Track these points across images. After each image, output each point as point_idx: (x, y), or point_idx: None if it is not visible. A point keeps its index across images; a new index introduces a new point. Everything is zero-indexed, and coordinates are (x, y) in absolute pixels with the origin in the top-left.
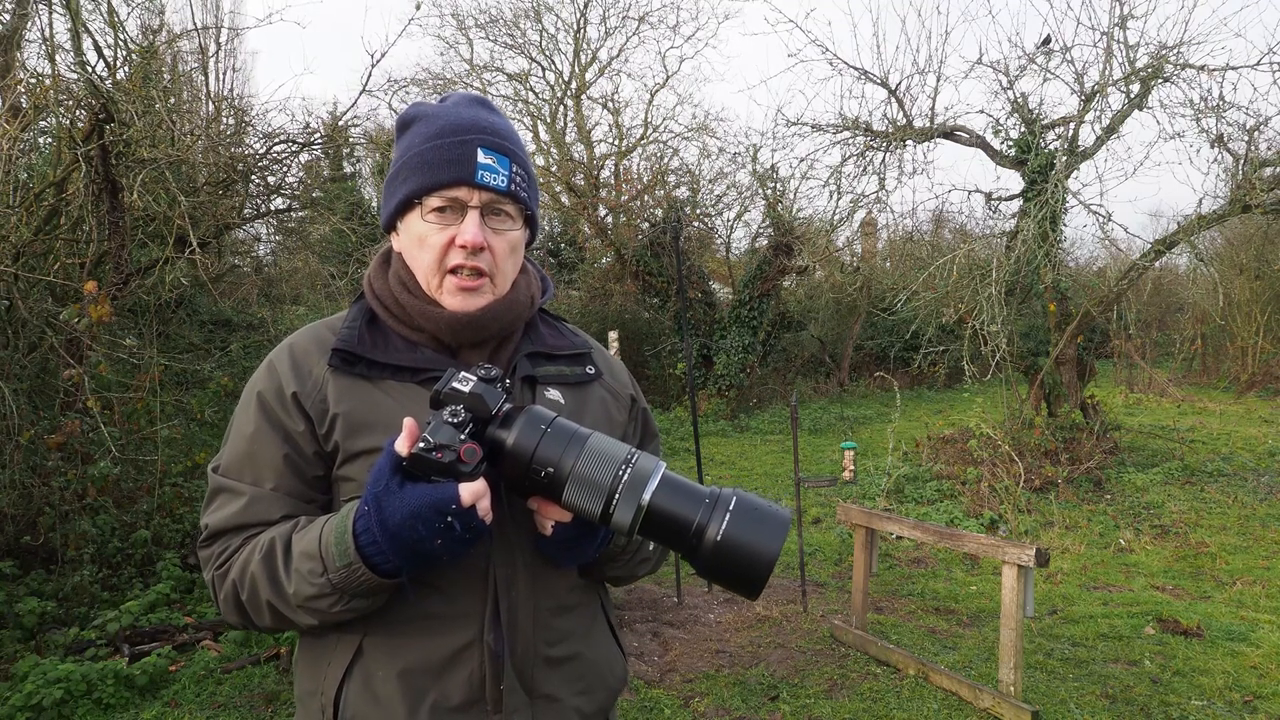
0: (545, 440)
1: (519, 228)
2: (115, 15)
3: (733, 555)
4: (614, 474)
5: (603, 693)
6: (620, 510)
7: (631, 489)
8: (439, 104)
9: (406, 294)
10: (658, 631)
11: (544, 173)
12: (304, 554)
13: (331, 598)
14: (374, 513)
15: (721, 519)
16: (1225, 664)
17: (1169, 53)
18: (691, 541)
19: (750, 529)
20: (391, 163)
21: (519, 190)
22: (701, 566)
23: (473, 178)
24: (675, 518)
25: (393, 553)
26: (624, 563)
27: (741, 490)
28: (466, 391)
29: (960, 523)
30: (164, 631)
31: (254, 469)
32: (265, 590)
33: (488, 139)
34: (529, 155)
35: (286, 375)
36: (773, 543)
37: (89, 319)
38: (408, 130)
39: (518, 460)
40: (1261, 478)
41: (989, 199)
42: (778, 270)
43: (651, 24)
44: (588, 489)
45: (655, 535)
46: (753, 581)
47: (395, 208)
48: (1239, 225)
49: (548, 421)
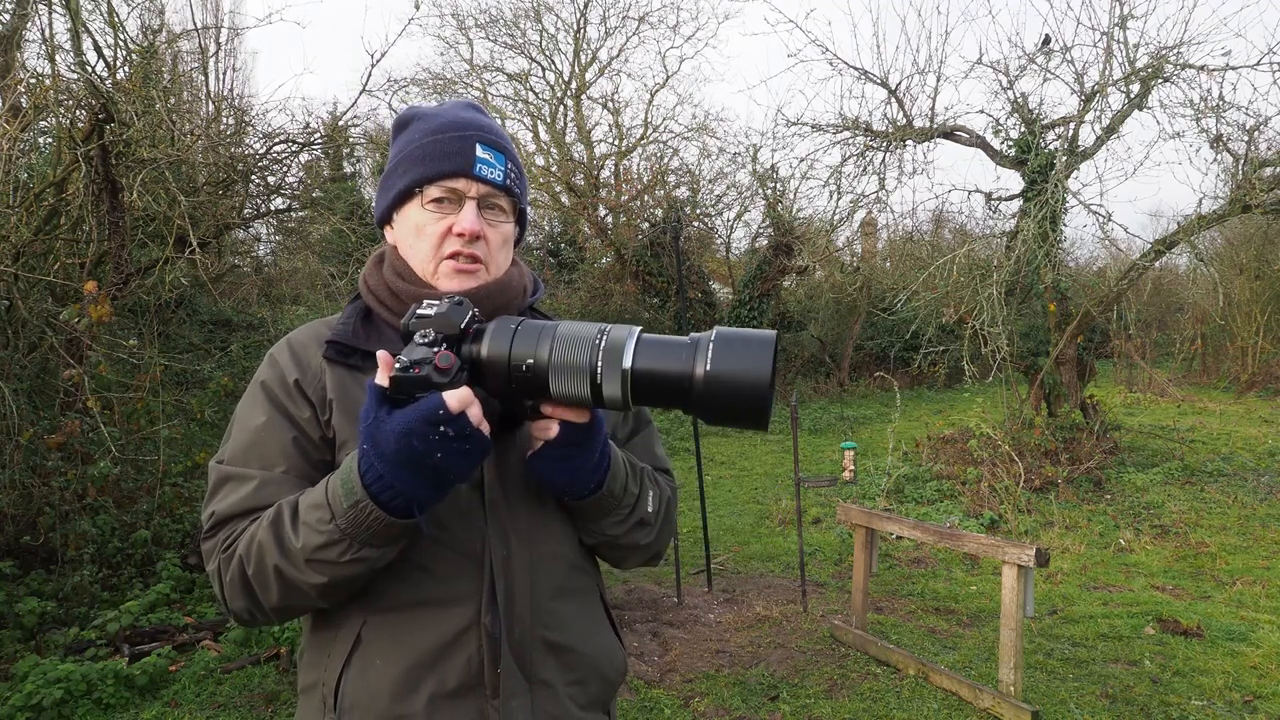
0: (517, 338)
1: (511, 222)
2: (115, 15)
3: (725, 387)
4: (590, 349)
5: (601, 683)
6: (608, 382)
7: (611, 359)
8: (435, 106)
9: (401, 282)
10: (658, 631)
11: (544, 173)
12: (311, 505)
13: (340, 545)
14: (371, 447)
15: (706, 356)
16: (1225, 664)
17: (1169, 53)
18: (684, 390)
19: (735, 356)
20: (389, 159)
21: (513, 185)
22: (701, 411)
23: (472, 169)
24: (662, 374)
25: (397, 479)
26: (622, 519)
27: (722, 326)
28: (432, 314)
29: (960, 523)
30: (164, 631)
31: (263, 454)
32: (272, 554)
33: (485, 136)
34: (519, 158)
35: (288, 365)
36: (761, 363)
37: (89, 319)
38: (407, 128)
39: (496, 364)
40: (1261, 478)
41: (989, 199)
42: (778, 270)
43: (651, 24)
44: (570, 372)
45: (650, 398)
46: (755, 410)
47: (394, 198)
48: (1239, 225)
49: (516, 322)
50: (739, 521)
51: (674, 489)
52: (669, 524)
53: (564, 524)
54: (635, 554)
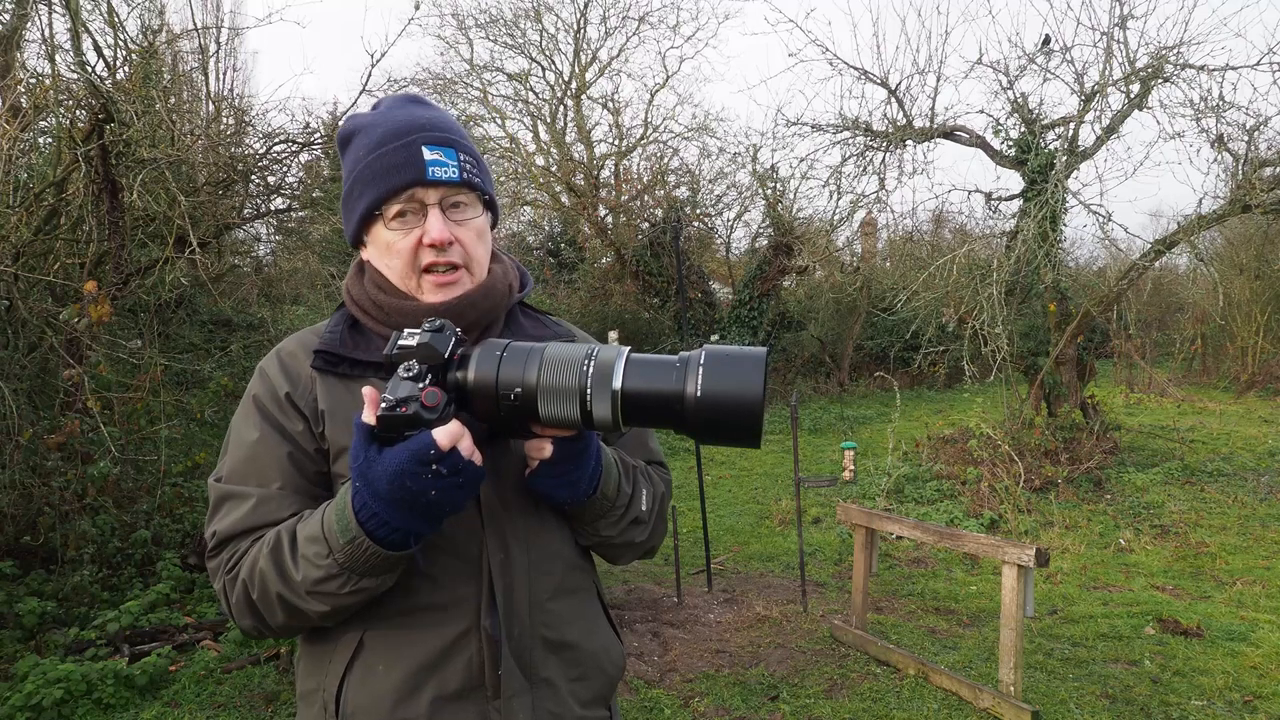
0: (504, 364)
1: (480, 213)
2: (115, 15)
3: (717, 406)
4: (579, 372)
5: (601, 679)
6: (598, 404)
7: (601, 381)
8: (373, 111)
9: (382, 294)
10: (658, 631)
11: (544, 173)
12: (309, 539)
13: (340, 578)
14: (364, 486)
15: (696, 376)
16: (1225, 664)
17: (1169, 53)
18: (676, 410)
19: (726, 375)
20: (343, 181)
21: (471, 177)
22: (693, 430)
23: (424, 176)
24: (652, 394)
25: (392, 517)
26: (616, 519)
27: (710, 344)
28: (414, 345)
29: (960, 523)
30: (164, 631)
31: (259, 471)
32: (274, 583)
33: (430, 135)
34: (471, 141)
35: (278, 378)
36: (752, 381)
37: (89, 319)
38: (350, 145)
39: (484, 391)
40: (1261, 478)
41: (989, 199)
42: (778, 270)
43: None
44: (560, 396)
45: (640, 418)
46: (747, 428)
47: (358, 222)
48: (1239, 225)
49: (502, 347)
50: (739, 521)
51: (668, 482)
52: (663, 520)
53: (560, 524)
54: (630, 551)
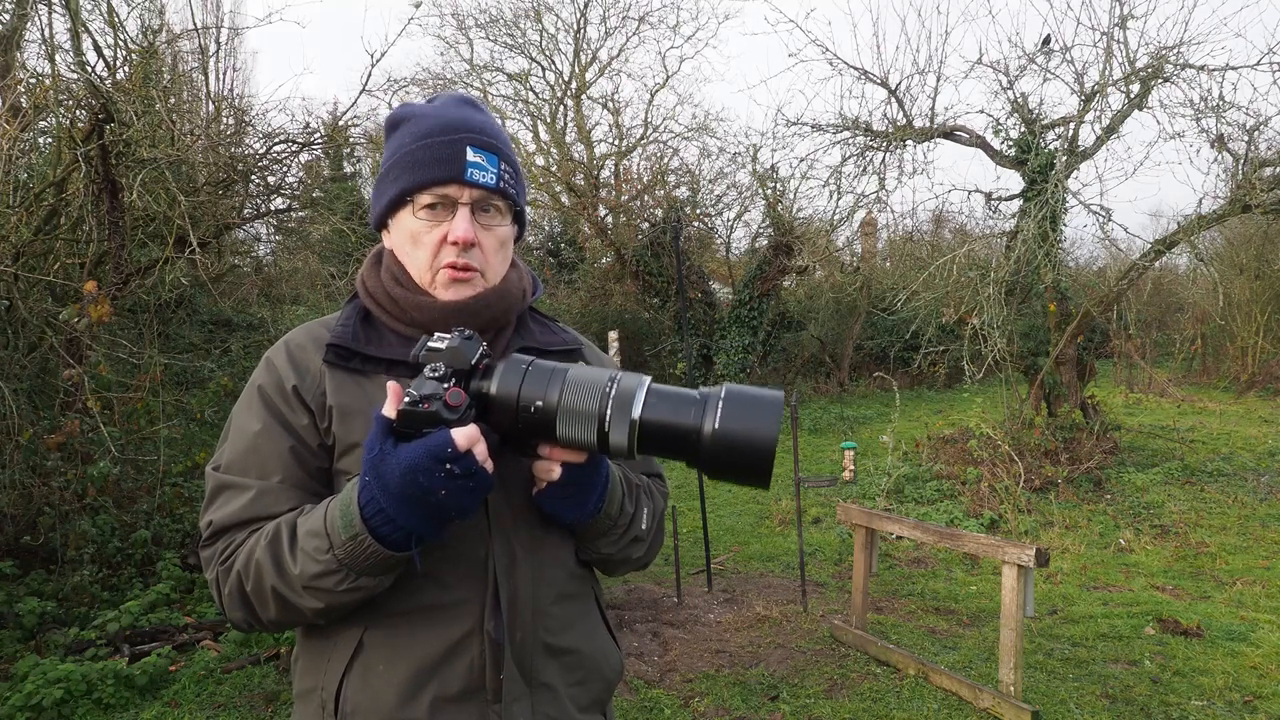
0: (528, 379)
1: (508, 223)
2: (115, 15)
3: (732, 446)
4: (600, 397)
5: (599, 684)
6: (615, 431)
7: (621, 408)
8: (428, 104)
9: (399, 288)
10: (658, 631)
11: (544, 173)
12: (309, 533)
13: (338, 574)
14: (374, 480)
15: (715, 413)
16: (1225, 664)
17: (1169, 53)
18: (691, 444)
19: (744, 416)
20: (382, 162)
21: (507, 187)
22: (706, 466)
23: (462, 175)
24: (670, 426)
25: (399, 514)
26: (617, 538)
27: (731, 383)
28: (443, 348)
29: (960, 523)
30: (164, 631)
31: (260, 463)
32: (270, 576)
33: (476, 137)
34: (515, 153)
35: (286, 370)
36: (769, 424)
37: (89, 319)
38: (398, 130)
39: (505, 403)
40: (1261, 478)
41: (989, 199)
42: (778, 270)
43: (651, 24)
44: (579, 418)
45: (655, 448)
46: (758, 468)
47: (386, 205)
48: (1239, 225)
49: (527, 362)
50: (739, 521)
51: (665, 495)
52: (660, 535)
53: (564, 532)
54: (626, 565)
